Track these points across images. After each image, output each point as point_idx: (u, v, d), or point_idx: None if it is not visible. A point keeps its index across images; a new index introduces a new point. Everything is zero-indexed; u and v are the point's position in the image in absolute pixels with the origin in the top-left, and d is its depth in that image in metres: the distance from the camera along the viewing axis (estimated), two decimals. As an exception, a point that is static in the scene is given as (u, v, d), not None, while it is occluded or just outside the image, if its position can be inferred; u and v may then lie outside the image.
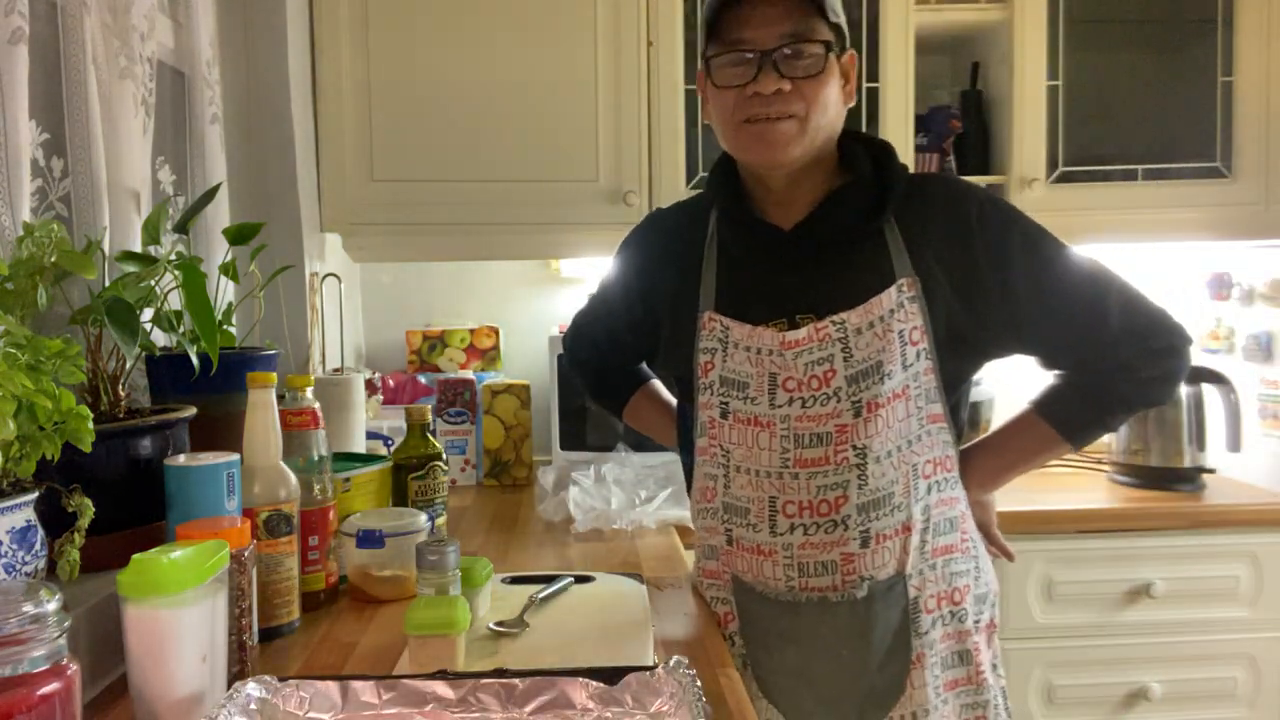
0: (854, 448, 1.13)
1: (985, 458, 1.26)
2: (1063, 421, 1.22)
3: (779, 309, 1.17)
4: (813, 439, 1.14)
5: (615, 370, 1.50)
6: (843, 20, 1.15)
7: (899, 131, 2.03)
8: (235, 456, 1.07)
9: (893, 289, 1.13)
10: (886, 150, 1.20)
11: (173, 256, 1.18)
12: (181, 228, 1.34)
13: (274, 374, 1.15)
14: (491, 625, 1.13)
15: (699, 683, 0.84)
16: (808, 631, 1.15)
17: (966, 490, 1.23)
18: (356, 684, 0.85)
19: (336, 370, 1.87)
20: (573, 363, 1.55)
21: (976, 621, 1.20)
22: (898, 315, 1.13)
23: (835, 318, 1.13)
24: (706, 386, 1.20)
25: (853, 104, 1.19)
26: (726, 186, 1.24)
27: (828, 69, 1.12)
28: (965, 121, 2.16)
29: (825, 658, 1.16)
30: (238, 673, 0.94)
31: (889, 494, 1.14)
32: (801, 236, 1.18)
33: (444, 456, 1.48)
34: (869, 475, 1.13)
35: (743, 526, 1.18)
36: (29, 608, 0.69)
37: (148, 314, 1.19)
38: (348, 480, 1.37)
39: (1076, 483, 2.11)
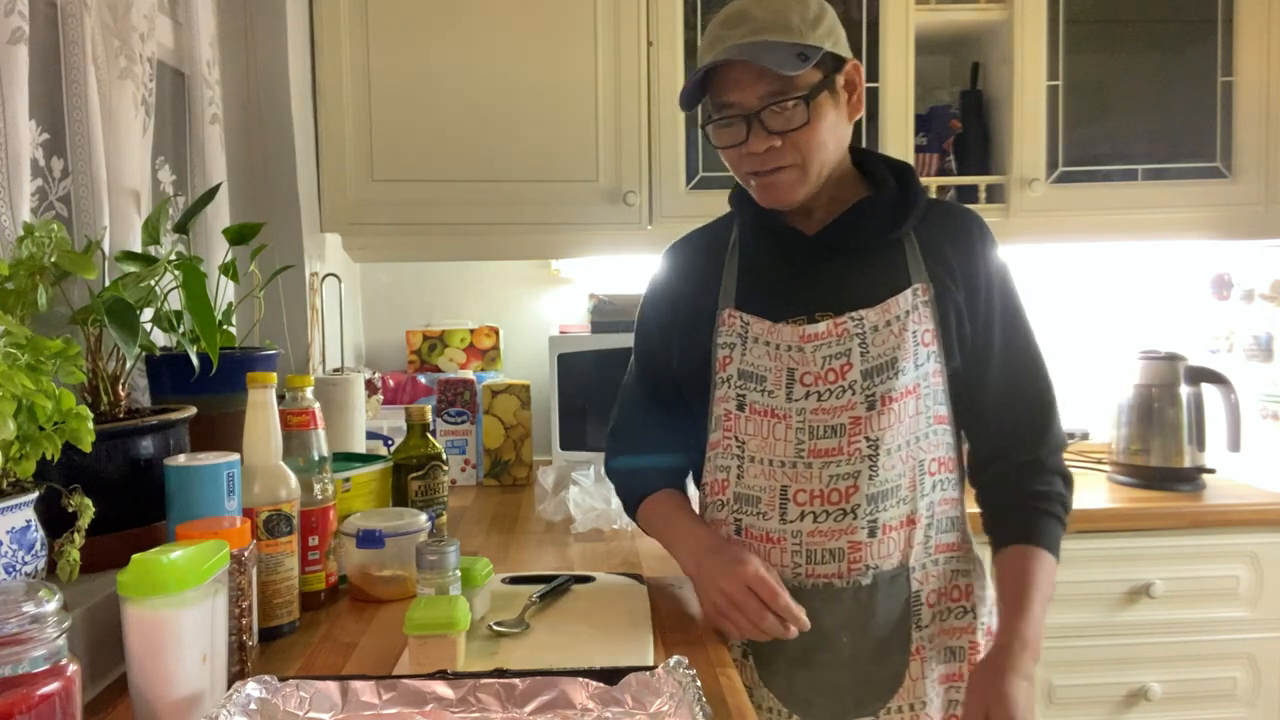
0: (867, 439, 1.16)
1: (1007, 627, 1.16)
2: (1019, 530, 1.21)
3: (800, 306, 1.21)
4: (827, 430, 1.18)
5: (653, 462, 1.37)
6: (833, 39, 1.15)
7: (899, 131, 2.03)
8: (235, 456, 1.07)
9: (909, 292, 1.19)
10: (909, 170, 1.26)
11: (173, 256, 1.18)
12: (181, 228, 1.34)
13: (274, 374, 1.15)
14: (491, 625, 1.13)
15: (699, 683, 0.84)
16: (810, 618, 1.16)
17: (1011, 669, 1.11)
18: (356, 684, 0.85)
19: (336, 370, 1.87)
20: (612, 459, 1.41)
21: (981, 623, 1.24)
22: (913, 316, 1.18)
23: (854, 314, 1.18)
24: (724, 380, 1.23)
25: (860, 115, 1.22)
26: (749, 198, 1.27)
27: (816, 114, 1.14)
28: (965, 121, 2.16)
29: (826, 645, 1.18)
30: (238, 673, 0.94)
31: (897, 486, 1.17)
32: (824, 241, 1.23)
33: (444, 456, 1.48)
34: (879, 467, 1.16)
35: (753, 515, 1.21)
36: (29, 608, 0.69)
37: (148, 314, 1.19)
38: (348, 480, 1.37)
39: (1077, 483, 2.10)
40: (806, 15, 1.13)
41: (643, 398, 1.37)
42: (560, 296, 2.47)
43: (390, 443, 1.89)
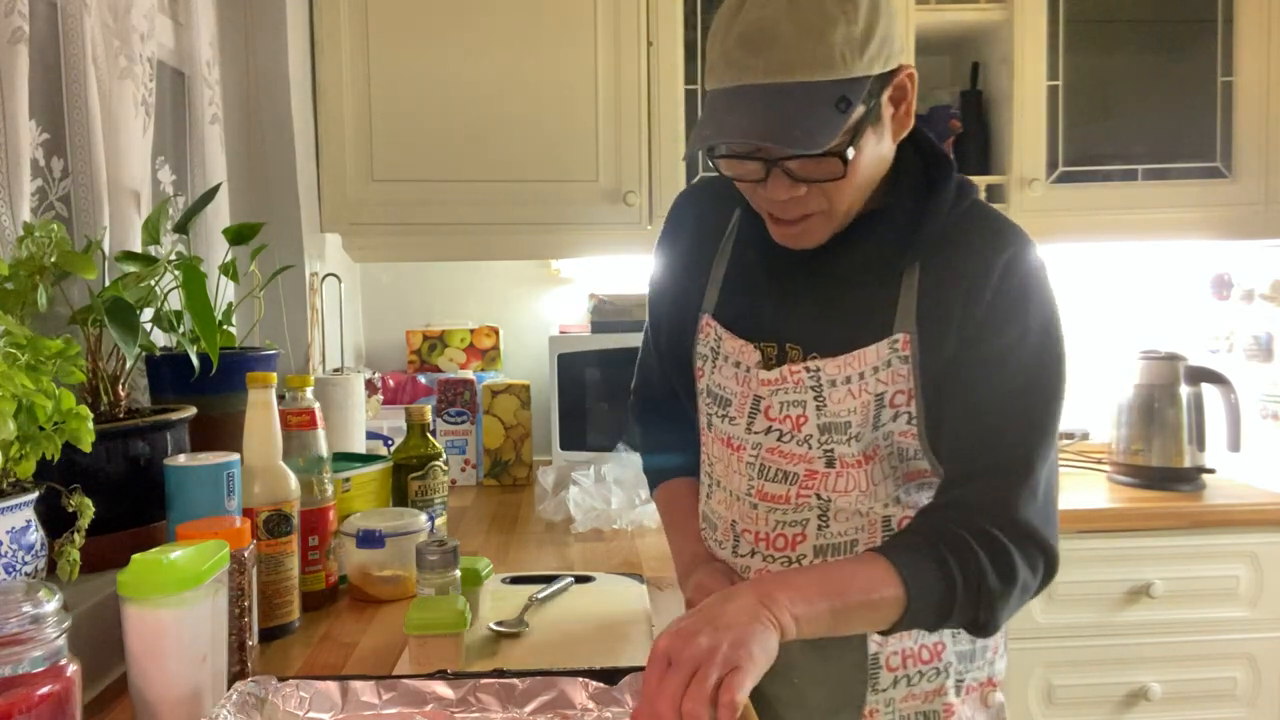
0: (818, 496, 1.04)
1: (796, 573, 0.98)
2: (891, 545, 0.94)
3: (772, 332, 1.07)
4: (778, 474, 1.05)
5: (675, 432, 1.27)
6: (885, 54, 0.89)
7: (899, 131, 2.03)
8: (235, 456, 1.07)
9: (884, 344, 0.99)
10: (936, 175, 1.01)
11: (173, 256, 1.18)
12: (181, 228, 1.34)
13: (274, 374, 1.15)
14: (491, 625, 1.13)
15: (699, 683, 0.83)
16: None
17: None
18: (356, 684, 0.85)
19: (336, 370, 1.87)
20: (639, 415, 1.34)
21: (959, 681, 1.09)
22: (880, 375, 0.99)
23: (809, 364, 1.02)
24: (700, 392, 1.15)
25: (907, 131, 0.98)
26: None
27: (855, 161, 0.91)
28: (965, 121, 2.16)
29: (779, 681, 1.08)
30: (238, 673, 0.94)
31: (853, 541, 1.05)
32: (813, 262, 1.03)
33: (444, 456, 1.48)
34: (830, 521, 1.05)
35: (713, 541, 1.15)
36: (29, 608, 0.69)
37: (148, 314, 1.19)
38: (348, 480, 1.37)
39: (1076, 483, 2.10)
40: (853, 31, 0.86)
41: (660, 377, 1.26)
42: (560, 296, 2.47)
43: (390, 443, 1.89)
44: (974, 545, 0.89)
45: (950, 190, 1.00)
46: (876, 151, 0.95)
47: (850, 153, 0.90)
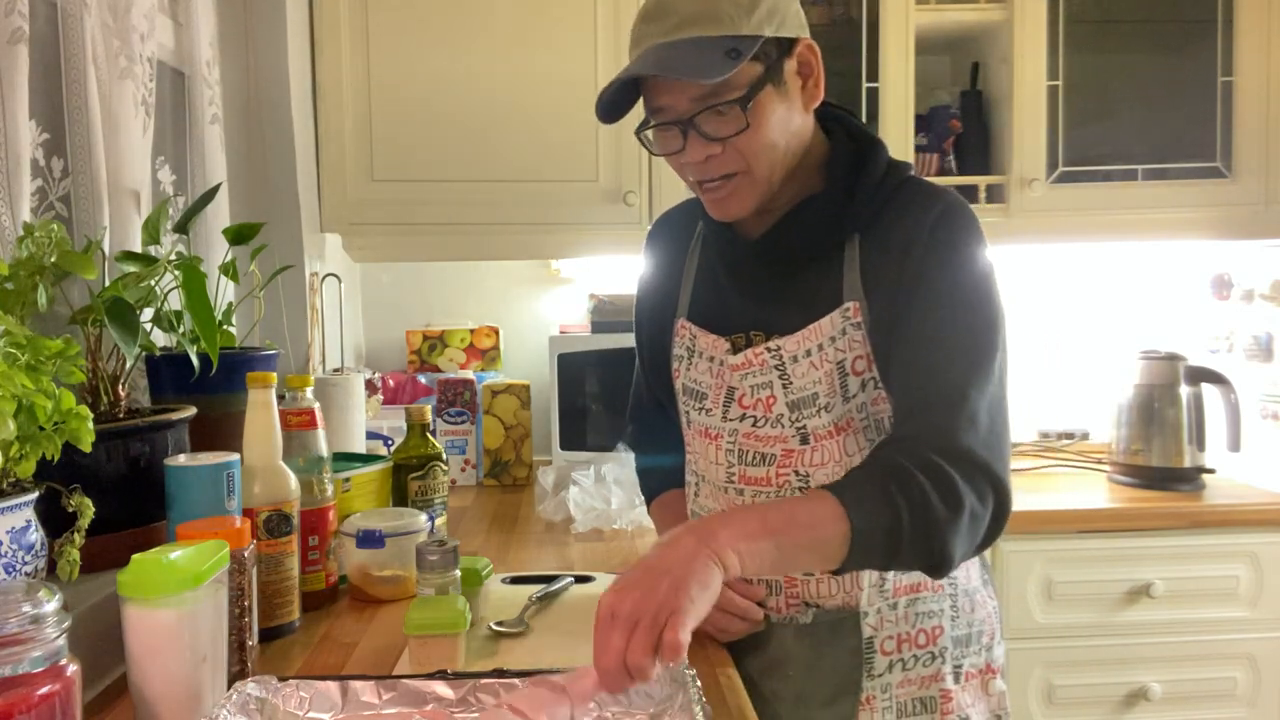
0: (796, 473, 1.08)
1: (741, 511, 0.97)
2: (836, 481, 0.95)
3: (740, 323, 1.13)
4: (756, 457, 1.10)
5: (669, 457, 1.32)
6: (776, 21, 0.99)
7: (899, 131, 2.03)
8: (235, 456, 1.07)
9: (836, 314, 1.05)
10: (867, 154, 1.08)
11: (173, 256, 1.18)
12: (181, 228, 1.34)
13: (274, 374, 1.15)
14: (491, 625, 1.13)
15: (699, 683, 0.84)
16: (757, 645, 1.12)
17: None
18: (356, 684, 0.85)
19: (336, 370, 1.87)
20: (635, 437, 1.40)
21: (957, 667, 1.11)
22: (838, 344, 1.05)
23: (770, 344, 1.08)
24: (678, 391, 1.20)
25: (819, 102, 1.06)
26: None
27: (757, 115, 0.99)
28: (965, 121, 2.16)
29: (774, 675, 1.13)
30: (238, 673, 0.94)
31: None
32: (761, 250, 1.11)
33: (444, 456, 1.48)
34: None
35: None
36: (29, 608, 0.69)
37: (148, 314, 1.19)
38: (348, 480, 1.37)
39: (1076, 483, 2.10)
40: None
41: (646, 390, 1.33)
42: (560, 296, 2.47)
43: (390, 443, 1.89)
44: (916, 473, 0.91)
45: (880, 166, 1.08)
46: (787, 117, 1.03)
47: (750, 106, 0.98)
